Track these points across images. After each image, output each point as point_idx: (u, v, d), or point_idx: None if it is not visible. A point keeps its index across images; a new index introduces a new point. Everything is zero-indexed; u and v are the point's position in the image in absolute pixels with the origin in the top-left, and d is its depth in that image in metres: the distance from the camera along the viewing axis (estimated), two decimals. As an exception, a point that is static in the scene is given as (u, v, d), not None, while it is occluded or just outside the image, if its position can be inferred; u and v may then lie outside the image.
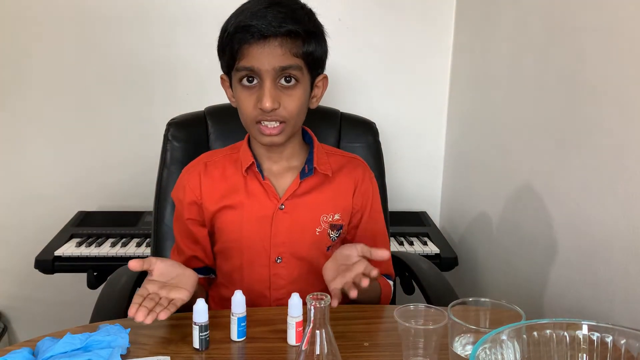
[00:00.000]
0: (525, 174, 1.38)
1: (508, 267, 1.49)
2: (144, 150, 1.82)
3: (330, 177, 1.06)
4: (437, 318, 0.76)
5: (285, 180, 1.05)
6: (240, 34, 0.91)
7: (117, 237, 1.64)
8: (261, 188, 1.03)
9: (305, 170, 1.04)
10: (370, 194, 1.11)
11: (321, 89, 1.03)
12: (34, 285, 1.89)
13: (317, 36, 0.96)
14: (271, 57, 0.91)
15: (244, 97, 0.95)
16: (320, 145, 1.10)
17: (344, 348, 0.80)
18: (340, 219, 1.06)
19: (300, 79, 0.95)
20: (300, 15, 0.93)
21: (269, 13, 0.90)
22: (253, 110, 0.94)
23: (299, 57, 0.93)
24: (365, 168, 1.12)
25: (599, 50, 1.08)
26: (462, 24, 1.82)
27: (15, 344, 0.89)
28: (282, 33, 0.90)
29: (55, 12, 1.74)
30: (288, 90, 0.95)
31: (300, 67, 0.94)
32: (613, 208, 1.04)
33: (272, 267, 1.04)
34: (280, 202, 1.03)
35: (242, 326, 0.86)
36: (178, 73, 1.81)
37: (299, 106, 0.96)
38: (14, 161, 1.83)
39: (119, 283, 1.18)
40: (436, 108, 1.93)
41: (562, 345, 0.64)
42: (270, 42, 0.90)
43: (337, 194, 1.07)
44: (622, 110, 1.02)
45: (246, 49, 0.91)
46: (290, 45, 0.92)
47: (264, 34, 0.89)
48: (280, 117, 0.95)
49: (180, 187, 1.08)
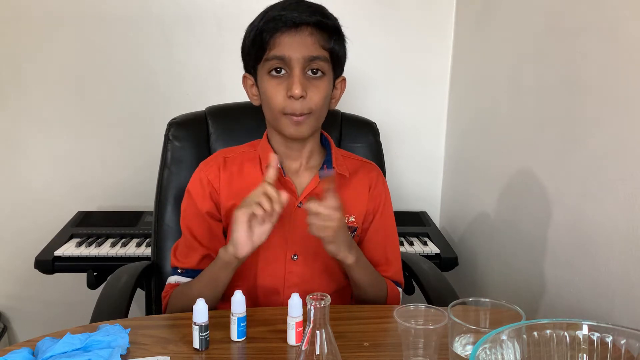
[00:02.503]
0: (526, 174, 1.38)
1: (508, 267, 1.49)
2: (143, 150, 1.82)
3: (346, 179, 1.08)
4: (437, 318, 0.76)
5: (302, 179, 1.06)
6: (272, 23, 0.94)
7: (117, 237, 1.64)
8: (280, 185, 1.04)
9: (324, 168, 1.06)
10: (383, 198, 1.13)
11: (339, 90, 1.06)
12: (34, 285, 1.89)
13: (340, 36, 1.00)
14: (302, 46, 0.94)
15: (272, 88, 0.97)
16: (336, 148, 1.12)
17: (344, 348, 0.80)
18: (354, 221, 1.08)
19: (326, 72, 0.99)
20: (328, 13, 0.99)
21: (300, 6, 0.95)
22: (282, 101, 0.96)
23: (326, 49, 0.97)
24: (379, 172, 1.15)
25: (599, 50, 1.08)
26: (462, 24, 1.82)
27: (15, 344, 0.89)
28: (313, 22, 0.94)
29: (55, 12, 1.74)
30: (315, 81, 0.97)
31: (327, 59, 0.98)
32: (613, 208, 1.04)
33: (288, 265, 1.05)
34: (298, 200, 1.04)
35: (242, 326, 0.86)
36: (178, 73, 1.81)
37: (323, 98, 0.99)
38: (14, 161, 1.83)
39: (119, 283, 1.18)
40: (436, 108, 1.93)
41: (562, 345, 0.64)
42: (302, 31, 0.94)
43: (353, 196, 1.08)
44: (622, 110, 1.02)
45: (278, 38, 0.94)
46: (319, 37, 0.96)
47: (295, 22, 0.93)
48: (307, 108, 0.97)
49: (197, 180, 1.07)
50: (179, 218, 1.14)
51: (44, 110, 1.81)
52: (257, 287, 1.06)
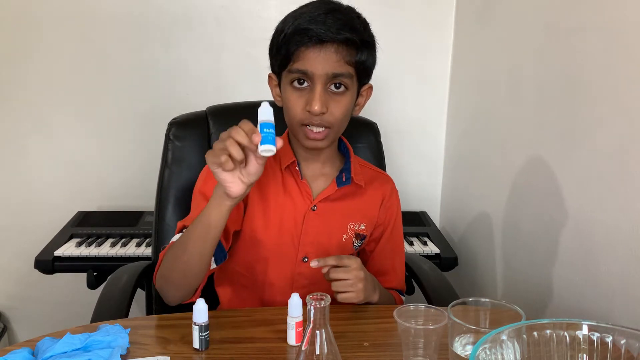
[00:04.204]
0: (525, 174, 1.38)
1: (508, 267, 1.49)
2: (143, 150, 1.82)
3: (362, 188, 1.08)
4: (437, 318, 0.76)
5: (317, 183, 1.07)
6: (298, 36, 0.92)
7: (117, 237, 1.64)
8: (296, 187, 1.05)
9: (343, 178, 1.06)
10: (395, 211, 1.14)
11: (365, 97, 1.05)
12: (34, 285, 1.89)
13: (369, 46, 0.98)
14: (325, 63, 0.92)
15: (293, 99, 0.96)
16: (355, 156, 1.12)
17: (344, 348, 0.80)
18: (365, 229, 1.09)
19: (350, 87, 0.97)
20: (357, 24, 0.95)
21: (328, 19, 0.91)
22: (301, 113, 0.96)
23: (351, 65, 0.95)
24: (393, 186, 1.15)
25: (599, 50, 1.08)
26: (462, 24, 1.82)
27: (15, 344, 0.89)
28: (339, 40, 0.92)
29: (55, 12, 1.74)
30: (337, 96, 0.96)
31: (352, 75, 0.96)
32: (613, 208, 1.04)
33: (298, 266, 1.06)
34: (313, 204, 1.04)
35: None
36: (178, 73, 1.81)
37: (344, 113, 0.98)
38: (14, 161, 1.83)
39: (119, 283, 1.18)
40: (436, 108, 1.93)
41: (562, 345, 0.64)
42: (327, 48, 0.92)
43: (366, 205, 1.09)
44: (622, 110, 1.02)
45: (302, 52, 0.93)
46: (345, 53, 0.93)
47: (321, 39, 0.91)
48: (327, 122, 0.96)
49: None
50: (179, 218, 1.14)
51: (43, 110, 1.81)
52: (266, 285, 1.06)
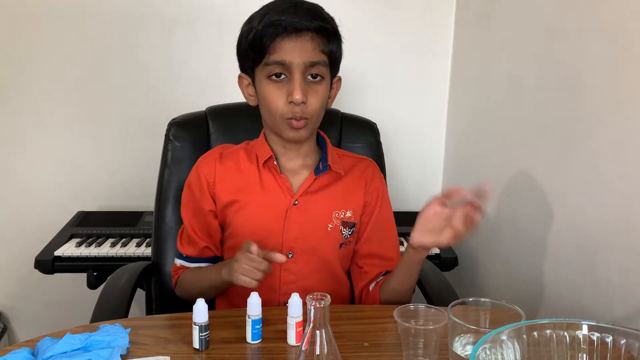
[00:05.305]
0: (525, 174, 1.38)
1: (508, 267, 1.49)
2: (143, 150, 1.82)
3: (342, 176, 1.09)
4: (437, 318, 0.76)
5: (299, 177, 1.07)
6: (272, 28, 0.93)
7: (117, 237, 1.64)
8: (276, 183, 1.05)
9: (320, 167, 1.06)
10: (380, 192, 1.13)
11: (335, 90, 1.07)
12: (34, 285, 1.88)
13: (337, 37, 1.00)
14: (303, 51, 0.94)
15: (272, 93, 0.97)
16: (332, 147, 1.12)
17: (344, 348, 0.80)
18: (352, 217, 1.09)
19: (325, 76, 0.99)
20: (325, 14, 0.98)
21: (298, 10, 0.94)
22: (283, 106, 0.97)
23: (325, 54, 0.97)
24: (375, 168, 1.15)
25: (599, 50, 1.08)
26: (462, 23, 1.82)
27: (15, 344, 0.89)
28: (314, 28, 0.94)
29: (55, 12, 1.74)
30: (315, 85, 0.98)
31: (326, 63, 0.98)
32: (613, 208, 1.04)
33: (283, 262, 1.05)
34: (294, 198, 1.04)
35: (257, 329, 0.86)
36: (178, 73, 1.81)
37: (322, 102, 1.00)
38: (14, 161, 1.83)
39: (119, 283, 1.18)
40: (436, 108, 1.93)
41: (562, 345, 0.64)
42: (302, 37, 0.94)
43: (348, 191, 1.09)
44: (622, 110, 1.02)
45: (278, 43, 0.94)
46: (320, 42, 0.96)
47: (296, 28, 0.93)
48: (307, 113, 0.97)
49: (195, 177, 1.09)
50: (179, 218, 1.15)
51: (43, 110, 1.81)
52: None
